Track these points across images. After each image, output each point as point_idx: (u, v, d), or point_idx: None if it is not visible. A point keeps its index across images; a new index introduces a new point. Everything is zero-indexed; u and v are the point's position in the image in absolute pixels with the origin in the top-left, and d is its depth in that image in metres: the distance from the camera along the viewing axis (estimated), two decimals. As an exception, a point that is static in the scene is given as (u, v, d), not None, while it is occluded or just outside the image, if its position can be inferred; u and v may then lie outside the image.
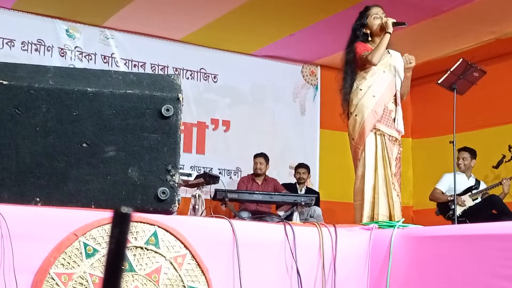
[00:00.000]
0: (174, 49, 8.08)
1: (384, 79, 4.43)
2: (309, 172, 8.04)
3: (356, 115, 4.38)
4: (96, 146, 2.91)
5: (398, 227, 3.55)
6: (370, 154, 4.32)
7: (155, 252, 2.89)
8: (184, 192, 6.32)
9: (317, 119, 8.83)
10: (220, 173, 8.08)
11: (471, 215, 6.70)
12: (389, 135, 4.36)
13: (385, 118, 4.36)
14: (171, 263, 2.92)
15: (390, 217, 4.24)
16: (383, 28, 4.43)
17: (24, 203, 2.81)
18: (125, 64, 7.84)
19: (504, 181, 6.90)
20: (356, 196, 4.42)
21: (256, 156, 7.70)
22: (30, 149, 2.84)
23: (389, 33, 4.38)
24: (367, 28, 4.51)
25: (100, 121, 2.92)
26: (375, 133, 4.34)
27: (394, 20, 4.41)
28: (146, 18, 7.42)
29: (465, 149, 7.11)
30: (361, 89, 4.39)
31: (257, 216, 6.45)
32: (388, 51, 4.48)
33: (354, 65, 4.45)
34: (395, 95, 4.45)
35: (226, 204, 6.39)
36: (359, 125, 4.35)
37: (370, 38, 4.52)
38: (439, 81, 6.15)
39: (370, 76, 4.42)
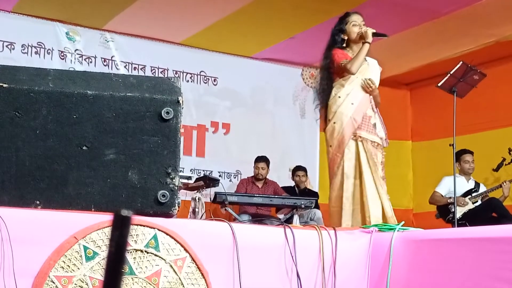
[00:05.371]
0: (174, 52, 8.09)
1: (362, 87, 4.44)
2: (307, 174, 8.04)
3: (334, 123, 4.40)
4: (96, 149, 2.91)
5: (398, 230, 3.55)
6: (350, 162, 4.33)
7: (155, 255, 2.89)
8: (184, 195, 6.32)
9: (317, 122, 8.80)
10: (220, 176, 8.09)
11: (471, 218, 6.68)
12: (372, 141, 4.37)
13: (365, 125, 4.37)
14: (171, 266, 2.92)
15: (385, 218, 4.25)
16: (361, 37, 4.44)
17: (24, 206, 2.81)
18: (125, 67, 7.84)
19: (504, 183, 6.89)
20: (333, 202, 4.42)
21: (257, 160, 7.67)
22: (30, 152, 2.84)
23: (369, 43, 4.38)
24: (345, 34, 4.53)
25: (100, 124, 2.92)
26: (356, 140, 4.35)
27: (374, 31, 4.42)
28: (146, 21, 7.42)
29: (469, 151, 7.07)
30: (339, 97, 4.41)
31: (257, 219, 6.45)
32: (365, 59, 4.48)
33: (331, 71, 4.48)
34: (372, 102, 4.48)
35: (226, 207, 6.39)
36: (337, 133, 4.37)
37: (347, 45, 4.53)
38: (439, 84, 6.15)
39: (348, 83, 4.43)
